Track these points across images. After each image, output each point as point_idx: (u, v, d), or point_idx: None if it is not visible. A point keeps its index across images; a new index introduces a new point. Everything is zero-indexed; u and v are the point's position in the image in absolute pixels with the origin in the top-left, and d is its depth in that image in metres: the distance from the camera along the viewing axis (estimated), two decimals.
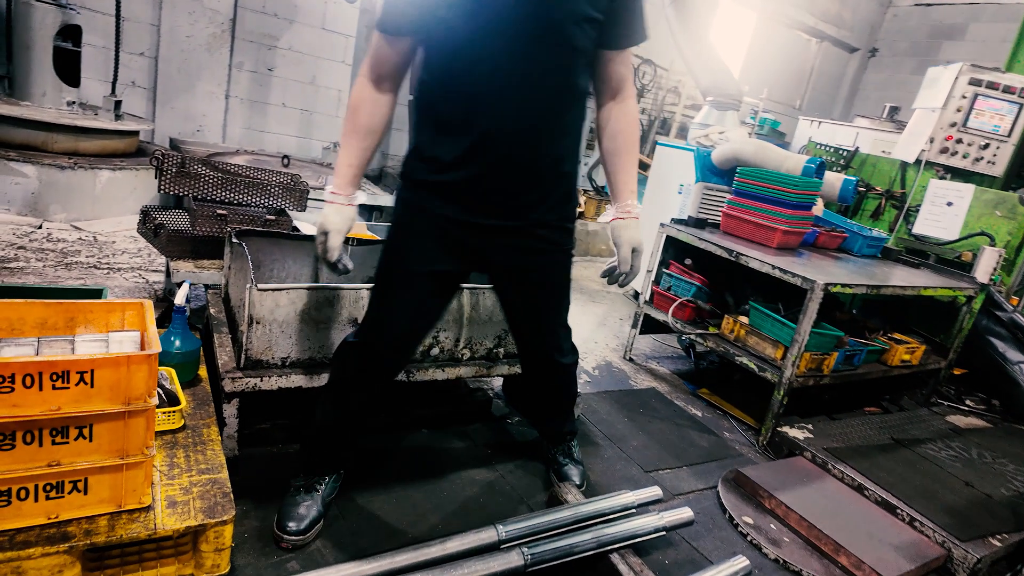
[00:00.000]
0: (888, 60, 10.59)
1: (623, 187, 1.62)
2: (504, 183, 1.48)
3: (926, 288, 3.12)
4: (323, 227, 1.50)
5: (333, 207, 1.51)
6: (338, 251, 1.50)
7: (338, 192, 1.51)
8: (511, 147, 1.44)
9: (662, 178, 4.71)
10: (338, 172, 1.52)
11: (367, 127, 1.51)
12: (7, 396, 1.18)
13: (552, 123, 1.47)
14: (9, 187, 3.31)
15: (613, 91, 1.58)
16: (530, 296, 1.70)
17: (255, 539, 1.62)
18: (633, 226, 1.62)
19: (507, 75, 1.37)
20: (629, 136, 1.62)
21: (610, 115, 1.60)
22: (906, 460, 2.70)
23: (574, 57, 1.43)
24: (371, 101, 1.50)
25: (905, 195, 4.15)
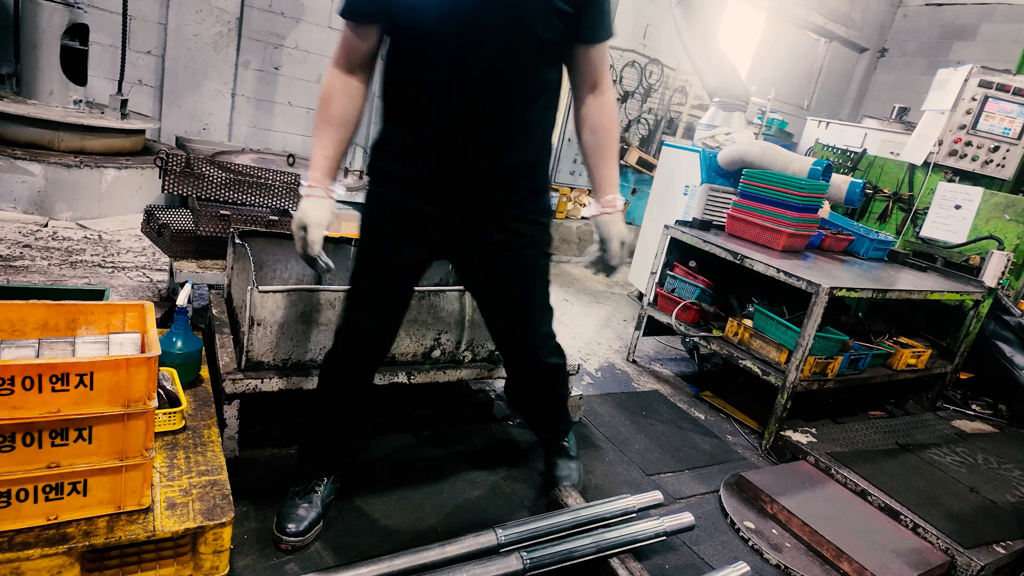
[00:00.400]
0: (898, 60, 10.51)
1: (606, 181, 1.63)
2: (466, 175, 1.48)
3: (932, 292, 3.09)
4: (302, 221, 1.45)
5: (311, 200, 1.46)
6: (319, 246, 1.46)
7: (315, 185, 1.47)
8: (471, 137, 1.43)
9: (668, 179, 4.69)
10: (314, 164, 1.48)
11: (341, 118, 1.47)
12: (7, 398, 1.18)
13: (514, 114, 1.45)
14: (16, 185, 3.33)
15: (590, 85, 1.57)
16: (500, 292, 1.67)
17: (254, 540, 1.63)
18: (619, 220, 1.64)
19: (469, 64, 1.36)
20: (609, 130, 1.61)
21: (589, 109, 1.59)
22: (910, 465, 2.68)
23: (539, 48, 1.41)
24: (343, 91, 1.47)
25: (913, 198, 4.11)
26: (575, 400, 2.53)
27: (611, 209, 1.62)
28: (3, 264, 2.81)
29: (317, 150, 1.47)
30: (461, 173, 1.47)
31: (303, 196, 1.47)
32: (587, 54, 1.52)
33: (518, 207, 1.57)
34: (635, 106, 8.26)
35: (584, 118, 1.61)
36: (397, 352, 2.03)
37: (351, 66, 1.47)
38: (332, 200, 1.49)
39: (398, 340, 2.01)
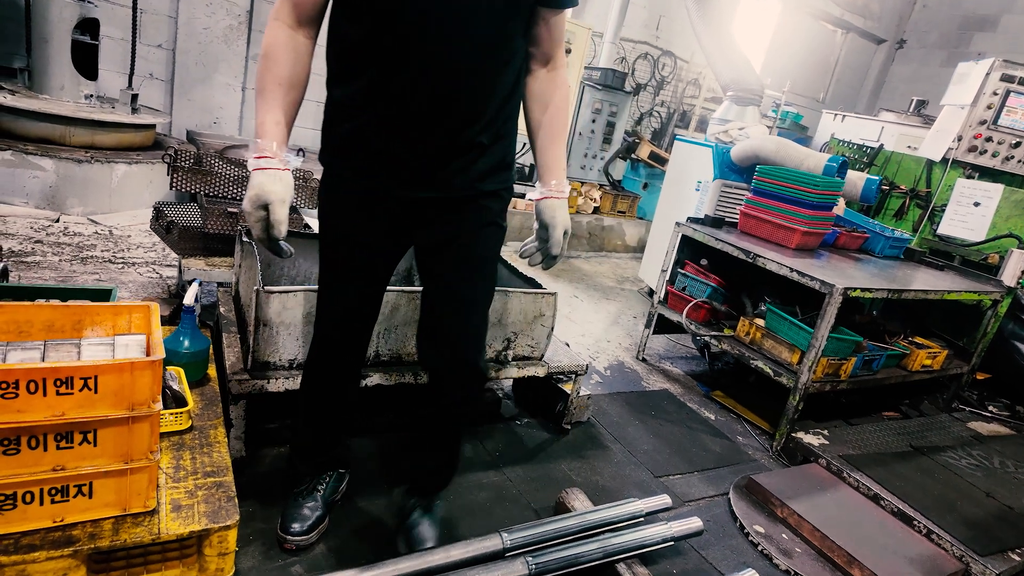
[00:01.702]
0: (916, 52, 10.32)
1: (554, 163, 1.50)
2: (431, 144, 1.34)
3: (950, 292, 3.03)
4: (260, 199, 1.24)
5: (268, 174, 1.25)
6: (286, 225, 1.28)
7: (270, 155, 1.26)
8: (449, 102, 1.30)
9: (680, 174, 4.63)
10: (264, 131, 1.26)
11: (290, 78, 1.29)
12: (12, 402, 1.18)
13: (492, 77, 1.33)
14: (28, 180, 3.35)
15: (545, 56, 1.45)
16: (455, 271, 1.49)
17: (260, 541, 1.62)
18: (565, 206, 1.51)
19: (445, 22, 1.23)
20: (562, 109, 1.50)
21: (541, 85, 1.47)
22: (924, 469, 2.63)
23: (513, 10, 1.30)
24: (291, 48, 1.29)
25: (931, 194, 4.03)
26: (582, 399, 2.51)
27: (558, 194, 1.49)
28: (16, 259, 2.83)
29: (266, 115, 1.27)
30: (438, 143, 1.33)
31: (255, 169, 1.26)
32: (546, 21, 1.39)
33: (490, 182, 1.44)
34: (647, 99, 8.17)
35: (535, 93, 1.48)
36: (403, 352, 2.02)
37: (298, 20, 1.30)
38: (290, 173, 1.30)
39: (404, 341, 2.00)
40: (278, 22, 1.29)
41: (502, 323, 2.14)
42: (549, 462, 2.28)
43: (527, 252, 1.56)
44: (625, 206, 6.12)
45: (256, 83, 1.30)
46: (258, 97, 1.29)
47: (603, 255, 5.89)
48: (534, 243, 1.56)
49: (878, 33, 10.04)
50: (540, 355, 2.30)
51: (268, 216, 1.25)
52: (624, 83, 5.92)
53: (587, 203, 5.80)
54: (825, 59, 10.12)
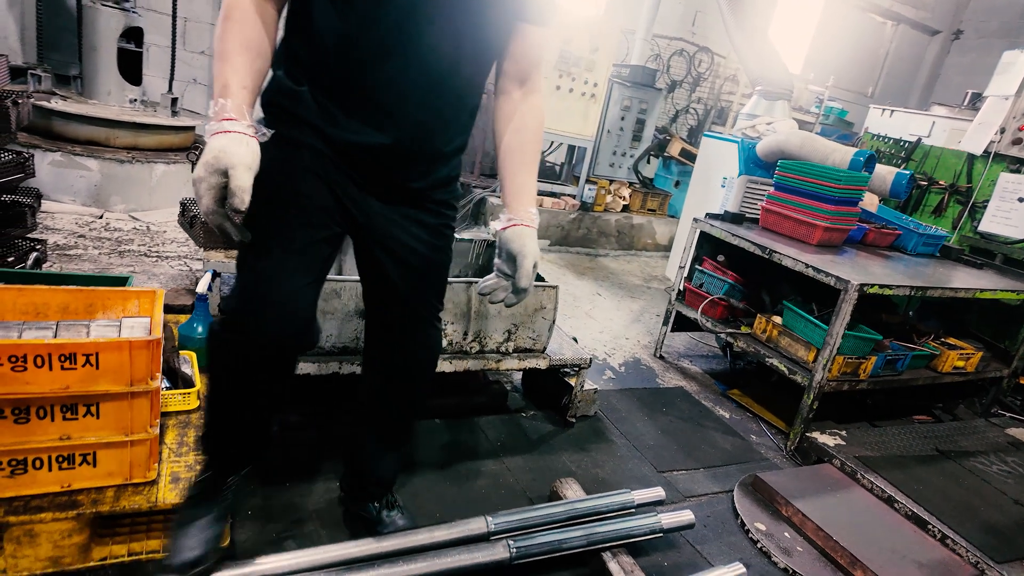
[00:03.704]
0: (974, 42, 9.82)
1: (525, 189, 1.39)
2: (412, 147, 1.27)
3: (983, 291, 2.89)
4: (219, 163, 1.04)
5: (232, 137, 1.06)
6: (249, 195, 1.07)
7: (236, 118, 1.08)
8: (428, 102, 1.24)
9: (707, 171, 4.57)
10: (227, 91, 1.09)
11: (259, 44, 1.15)
12: (22, 374, 1.29)
13: (470, 83, 1.29)
14: (75, 180, 3.58)
15: (522, 76, 1.37)
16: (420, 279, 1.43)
17: (257, 517, 1.70)
18: (534, 236, 1.38)
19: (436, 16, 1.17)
20: (536, 134, 1.41)
21: (515, 106, 1.39)
22: (949, 473, 2.53)
23: (500, 20, 1.26)
24: (259, 10, 1.15)
25: (971, 190, 3.85)
26: (588, 393, 2.52)
27: (529, 222, 1.37)
28: (60, 252, 3.03)
29: (230, 76, 1.10)
30: (407, 143, 1.26)
31: (216, 133, 1.07)
32: (525, 38, 1.33)
33: (446, 191, 1.41)
34: (683, 96, 8.06)
35: (508, 115, 1.39)
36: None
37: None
38: (257, 140, 1.12)
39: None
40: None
41: (502, 315, 2.17)
42: (550, 454, 2.29)
43: (490, 288, 1.39)
44: (656, 204, 6.05)
45: (217, 46, 1.13)
46: (219, 61, 1.11)
47: (632, 254, 5.85)
48: (497, 278, 1.39)
49: (932, 24, 9.60)
50: (542, 348, 2.32)
51: (226, 183, 1.05)
52: (655, 80, 5.86)
53: (616, 201, 5.77)
54: (874, 52, 9.75)
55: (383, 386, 1.56)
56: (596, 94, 5.22)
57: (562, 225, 5.44)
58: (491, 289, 1.39)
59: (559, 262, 5.08)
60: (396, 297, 1.43)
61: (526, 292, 1.38)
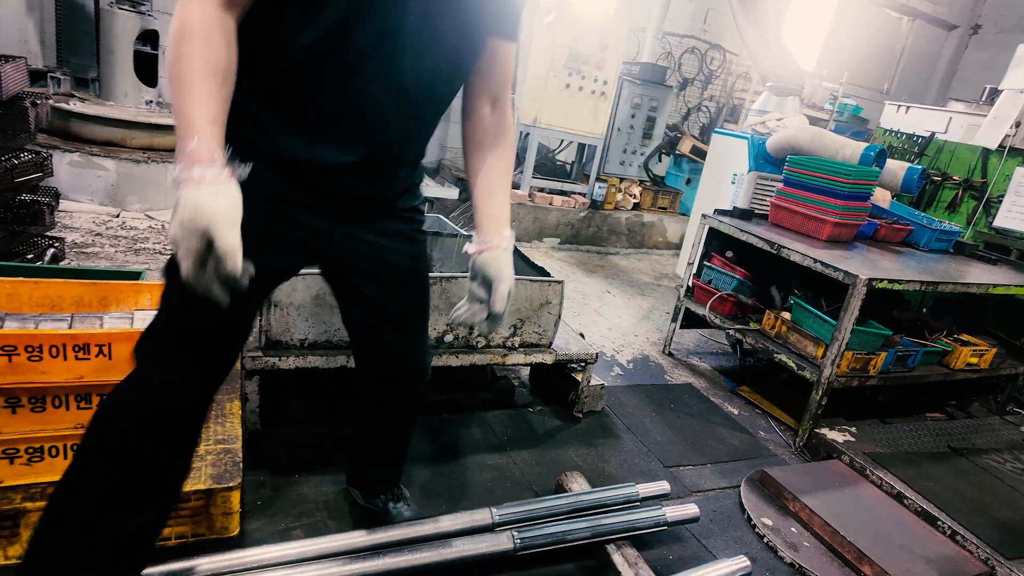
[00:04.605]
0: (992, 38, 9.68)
1: (500, 211, 1.32)
2: (382, 162, 1.22)
3: (996, 286, 2.86)
4: (198, 222, 0.87)
5: (206, 188, 0.89)
6: (240, 256, 0.90)
7: (208, 162, 0.91)
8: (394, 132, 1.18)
9: (717, 167, 4.56)
10: (196, 129, 0.91)
11: (225, 64, 0.98)
12: (38, 364, 1.33)
13: (446, 98, 1.25)
14: (93, 180, 3.66)
15: (493, 93, 1.31)
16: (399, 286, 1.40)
17: (267, 507, 1.74)
18: (511, 259, 1.31)
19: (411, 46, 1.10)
20: (510, 152, 1.36)
21: (487, 125, 1.32)
22: (960, 470, 2.50)
23: (477, 37, 1.22)
24: (223, 31, 0.98)
25: (986, 185, 3.81)
26: (594, 389, 2.53)
27: (505, 246, 1.30)
28: (77, 250, 3.10)
29: (197, 108, 0.93)
30: (377, 159, 1.20)
31: (187, 183, 0.89)
32: (496, 53, 1.26)
33: (411, 196, 1.37)
34: (695, 93, 8.03)
35: (481, 135, 1.32)
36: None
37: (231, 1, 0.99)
38: (236, 183, 0.95)
39: None
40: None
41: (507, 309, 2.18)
42: (556, 448, 2.31)
43: (463, 316, 1.30)
44: (666, 202, 6.04)
45: (175, 70, 0.95)
46: (181, 87, 0.93)
47: (643, 252, 5.84)
48: (469, 305, 1.30)
49: (949, 19, 9.48)
50: (548, 342, 2.33)
51: (212, 247, 0.88)
52: (665, 77, 5.85)
53: (626, 199, 5.76)
54: (889, 48, 9.64)
55: (379, 393, 1.56)
56: (606, 92, 5.22)
57: (572, 223, 5.44)
58: (467, 316, 1.30)
59: (569, 260, 5.09)
60: (380, 312, 1.40)
61: (501, 318, 1.30)
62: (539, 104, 5.09)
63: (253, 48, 1.04)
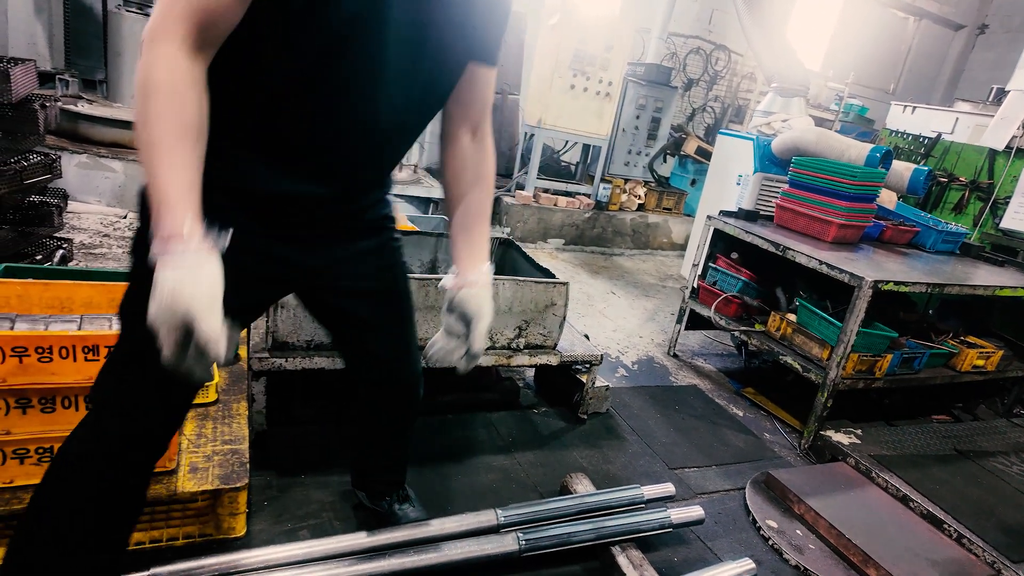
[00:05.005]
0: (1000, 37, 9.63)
1: (479, 245, 1.28)
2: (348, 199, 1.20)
3: (1003, 288, 2.85)
4: (177, 307, 0.83)
5: (185, 268, 0.84)
6: (224, 344, 0.87)
7: (185, 238, 0.85)
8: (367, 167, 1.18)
9: (722, 168, 4.55)
10: (172, 202, 0.85)
11: (198, 122, 0.90)
12: (48, 365, 1.34)
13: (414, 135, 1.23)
14: (100, 181, 3.68)
15: (474, 121, 1.25)
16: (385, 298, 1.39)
17: (273, 507, 1.75)
18: (489, 295, 1.26)
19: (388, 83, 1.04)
20: (490, 183, 1.31)
21: (467, 155, 1.27)
22: (967, 473, 2.50)
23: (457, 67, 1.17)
24: (195, 82, 0.90)
25: (993, 186, 3.79)
26: (599, 390, 2.53)
27: (484, 282, 1.25)
28: (85, 251, 3.12)
29: (171, 177, 0.86)
30: (350, 189, 1.18)
31: (165, 263, 0.84)
32: (477, 80, 1.21)
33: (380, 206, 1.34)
34: (700, 94, 8.02)
35: (461, 165, 1.27)
36: None
37: (202, 41, 0.90)
38: (218, 257, 0.89)
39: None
40: (169, 44, 0.87)
41: (512, 311, 2.19)
42: (561, 449, 2.31)
43: (440, 353, 1.26)
44: (671, 203, 6.03)
45: (143, 133, 0.87)
46: (151, 154, 0.86)
47: (647, 253, 5.84)
48: (447, 341, 1.26)
49: (955, 19, 9.43)
50: (553, 344, 2.34)
51: (192, 335, 0.84)
52: (670, 78, 5.84)
53: (631, 200, 5.76)
54: (895, 48, 9.60)
55: (373, 398, 1.54)
56: (611, 93, 5.23)
57: (577, 224, 5.45)
58: (444, 353, 1.26)
59: (573, 261, 5.09)
60: (361, 325, 1.38)
61: (477, 357, 1.27)
62: (544, 105, 5.10)
63: (224, 85, 0.97)
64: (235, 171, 1.04)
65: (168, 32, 0.86)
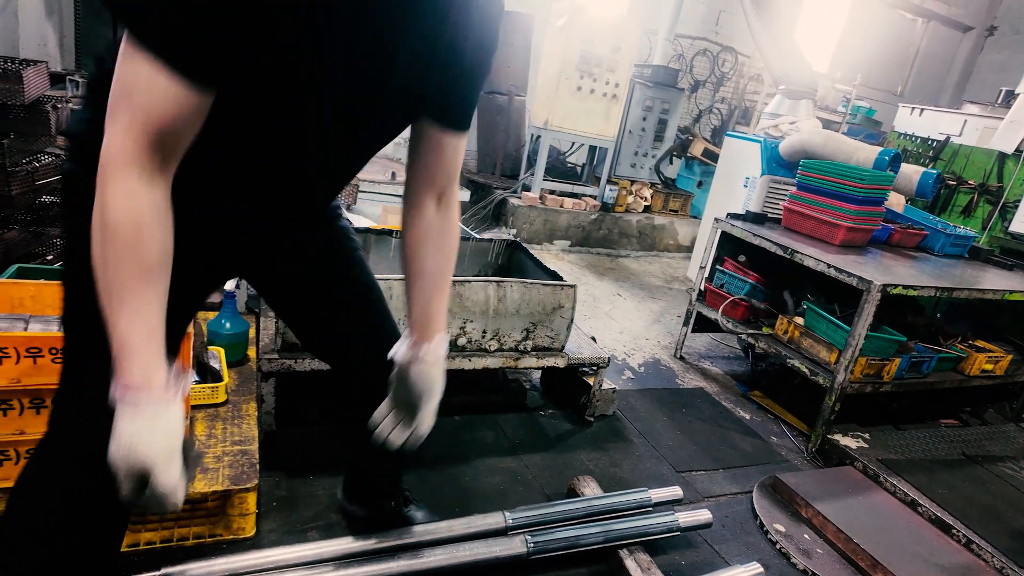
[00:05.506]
0: (1009, 39, 9.59)
1: (437, 316, 1.21)
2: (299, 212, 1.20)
3: (1013, 292, 2.84)
4: (134, 459, 0.81)
5: (143, 419, 0.82)
6: (182, 494, 0.86)
7: (147, 387, 0.82)
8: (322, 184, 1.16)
9: (729, 171, 4.55)
10: (133, 351, 0.81)
11: (163, 258, 0.84)
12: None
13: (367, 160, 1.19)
14: None
15: (439, 187, 1.17)
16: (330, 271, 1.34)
17: (282, 508, 1.75)
18: (442, 369, 1.21)
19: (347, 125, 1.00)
20: (453, 252, 1.22)
21: (430, 223, 1.18)
22: (975, 478, 2.49)
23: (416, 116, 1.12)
24: (159, 210, 0.82)
25: (1002, 189, 3.77)
26: (606, 393, 2.53)
27: (437, 357, 1.20)
28: None
29: (132, 324, 0.81)
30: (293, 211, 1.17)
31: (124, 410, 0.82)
32: (444, 147, 1.12)
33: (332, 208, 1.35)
34: (706, 96, 8.01)
35: (423, 232, 1.18)
36: None
37: (165, 161, 0.82)
38: (180, 406, 0.86)
39: None
40: (127, 177, 0.79)
41: (520, 314, 2.20)
42: (568, 452, 2.31)
43: (385, 430, 1.21)
44: (678, 205, 6.03)
45: (100, 274, 0.81)
46: (110, 299, 0.81)
47: (653, 254, 5.83)
48: (393, 415, 1.22)
49: (964, 20, 9.40)
50: (560, 346, 2.34)
51: (148, 484, 0.82)
52: (677, 80, 5.84)
53: (637, 202, 5.76)
54: (903, 50, 9.57)
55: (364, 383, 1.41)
56: (618, 94, 5.23)
57: (583, 226, 5.45)
58: (388, 429, 1.21)
59: (579, 263, 5.09)
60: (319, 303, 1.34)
61: (424, 436, 1.21)
62: (551, 106, 5.10)
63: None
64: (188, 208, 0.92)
65: (124, 162, 0.78)
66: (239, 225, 1.10)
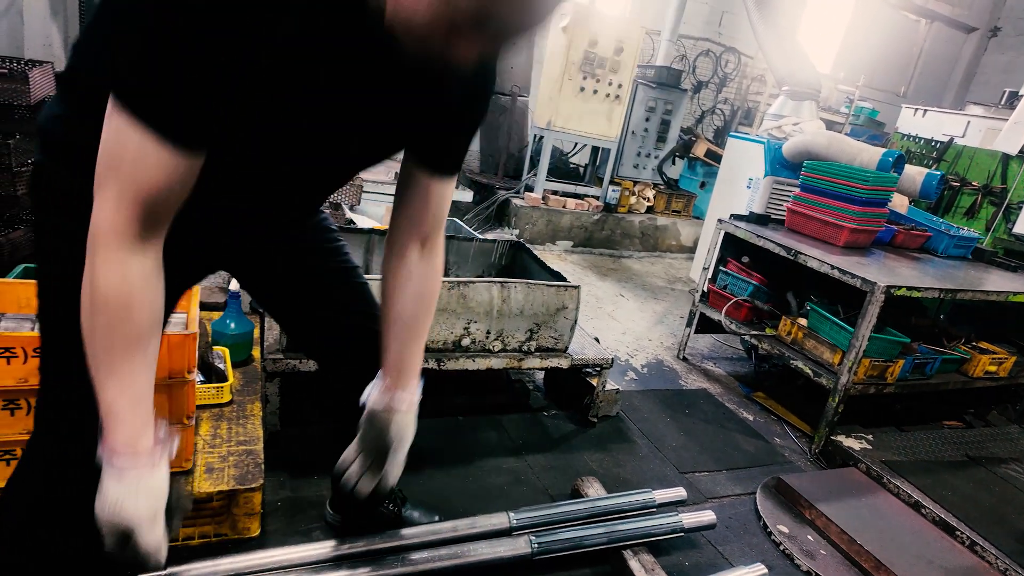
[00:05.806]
0: (1013, 40, 9.56)
1: (412, 363, 1.19)
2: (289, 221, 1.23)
3: (1016, 294, 2.83)
4: (119, 521, 0.83)
5: (127, 485, 0.84)
6: (165, 553, 0.89)
7: (132, 453, 0.84)
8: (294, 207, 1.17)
9: (732, 172, 4.54)
10: (120, 419, 0.83)
11: (153, 323, 0.86)
12: None
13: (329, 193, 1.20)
14: None
15: (423, 234, 1.15)
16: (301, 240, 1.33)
17: (287, 508, 1.76)
18: (414, 417, 1.20)
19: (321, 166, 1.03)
20: (434, 299, 1.21)
21: (412, 269, 1.16)
22: (979, 480, 2.48)
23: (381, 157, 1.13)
24: (149, 278, 0.83)
25: (1006, 191, 3.77)
26: (609, 393, 2.53)
27: (409, 405, 1.18)
28: None
29: (120, 393, 0.83)
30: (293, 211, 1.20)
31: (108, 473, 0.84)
32: (431, 193, 1.11)
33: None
34: (709, 96, 8.00)
35: (404, 278, 1.15)
36: (428, 340, 2.11)
37: (154, 228, 0.81)
38: (165, 472, 0.89)
39: None
40: (116, 248, 0.79)
41: (524, 314, 2.20)
42: (571, 452, 2.32)
43: (352, 476, 1.20)
44: (680, 205, 6.03)
45: (88, 342, 0.82)
46: (98, 367, 0.82)
47: (656, 255, 5.83)
48: (360, 461, 1.20)
49: (968, 21, 9.37)
50: (564, 347, 2.34)
51: (137, 542, 0.85)
52: (680, 80, 5.84)
53: (640, 202, 5.75)
54: (907, 51, 9.54)
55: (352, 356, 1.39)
56: (620, 95, 5.23)
57: (585, 226, 5.45)
58: (355, 476, 1.20)
59: (582, 263, 5.09)
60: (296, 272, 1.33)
61: (392, 485, 1.21)
62: (554, 107, 5.10)
63: None
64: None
65: (114, 233, 0.78)
66: (238, 225, 1.10)
